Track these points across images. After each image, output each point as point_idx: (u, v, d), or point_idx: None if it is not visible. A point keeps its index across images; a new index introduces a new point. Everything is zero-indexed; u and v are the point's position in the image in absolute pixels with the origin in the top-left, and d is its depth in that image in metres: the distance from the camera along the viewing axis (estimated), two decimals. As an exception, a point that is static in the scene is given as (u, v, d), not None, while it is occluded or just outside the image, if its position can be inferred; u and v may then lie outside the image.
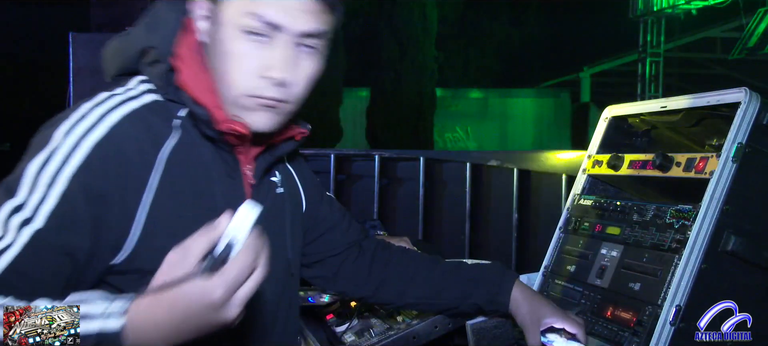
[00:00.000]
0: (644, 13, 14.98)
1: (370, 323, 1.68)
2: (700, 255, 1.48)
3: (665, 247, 1.57)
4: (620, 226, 1.75)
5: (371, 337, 1.59)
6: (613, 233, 1.76)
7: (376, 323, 1.67)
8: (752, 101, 1.51)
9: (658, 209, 1.65)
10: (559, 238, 1.95)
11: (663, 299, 1.49)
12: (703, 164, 1.55)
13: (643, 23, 15.22)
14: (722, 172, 1.50)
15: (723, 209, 1.49)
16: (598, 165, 1.93)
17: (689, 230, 1.51)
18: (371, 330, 1.63)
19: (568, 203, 1.99)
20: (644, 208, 1.70)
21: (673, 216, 1.59)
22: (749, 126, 1.51)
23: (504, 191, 4.34)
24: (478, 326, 1.55)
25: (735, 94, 1.55)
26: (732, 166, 1.50)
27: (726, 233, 1.49)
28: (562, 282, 1.84)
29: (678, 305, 1.47)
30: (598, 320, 1.65)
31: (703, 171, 1.55)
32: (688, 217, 1.54)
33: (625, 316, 1.57)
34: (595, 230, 1.83)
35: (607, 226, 1.80)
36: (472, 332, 1.55)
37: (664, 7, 14.52)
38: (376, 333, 1.60)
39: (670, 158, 1.66)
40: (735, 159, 1.50)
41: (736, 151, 1.50)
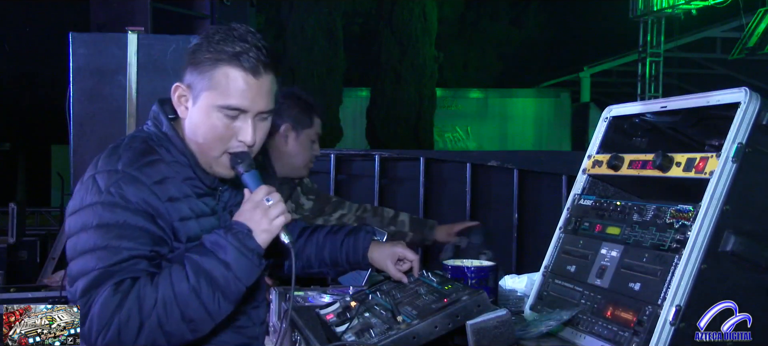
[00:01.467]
0: (644, 13, 14.99)
1: (370, 323, 1.68)
2: (700, 255, 1.48)
3: (665, 247, 1.57)
4: (620, 226, 1.75)
5: (371, 337, 1.59)
6: (613, 233, 1.76)
7: (376, 323, 1.67)
8: (752, 101, 1.51)
9: (658, 209, 1.65)
10: (559, 238, 1.95)
11: (663, 299, 1.49)
12: (703, 164, 1.55)
13: (643, 23, 15.23)
14: (722, 172, 1.50)
15: (723, 209, 1.49)
16: (598, 165, 1.93)
17: (689, 230, 1.51)
18: (371, 330, 1.63)
19: (568, 203, 1.99)
20: (644, 208, 1.70)
21: (673, 216, 1.59)
22: (749, 126, 1.51)
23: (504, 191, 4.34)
24: (478, 326, 1.55)
25: (735, 94, 1.55)
26: (732, 166, 1.50)
27: (726, 233, 1.49)
28: (562, 282, 1.84)
29: (678, 305, 1.47)
30: (598, 320, 1.65)
31: (703, 171, 1.54)
32: (688, 217, 1.54)
33: (625, 316, 1.57)
34: (595, 230, 1.83)
35: (607, 226, 1.80)
36: (472, 332, 1.55)
37: (664, 7, 14.53)
38: (376, 333, 1.60)
39: (670, 158, 1.66)
40: (735, 159, 1.50)
41: (736, 152, 1.50)
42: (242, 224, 1.55)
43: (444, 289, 1.73)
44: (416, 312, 1.63)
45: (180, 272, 1.50)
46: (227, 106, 1.58)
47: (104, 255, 1.48)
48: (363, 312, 1.76)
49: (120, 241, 1.49)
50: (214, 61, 1.57)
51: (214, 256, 1.51)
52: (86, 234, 1.50)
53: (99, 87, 3.79)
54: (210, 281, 1.50)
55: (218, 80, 1.57)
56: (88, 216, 1.51)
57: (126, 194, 1.51)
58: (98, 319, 1.44)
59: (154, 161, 1.58)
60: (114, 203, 1.50)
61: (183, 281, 1.49)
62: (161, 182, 1.56)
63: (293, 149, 2.60)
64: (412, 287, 1.84)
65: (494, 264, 2.06)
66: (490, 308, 1.59)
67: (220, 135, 1.60)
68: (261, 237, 1.56)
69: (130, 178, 1.53)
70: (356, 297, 1.87)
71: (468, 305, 1.59)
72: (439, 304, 1.63)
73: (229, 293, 1.52)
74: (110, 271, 1.47)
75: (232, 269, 1.51)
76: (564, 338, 1.71)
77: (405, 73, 15.27)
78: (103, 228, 1.50)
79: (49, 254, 5.19)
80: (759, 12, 14.03)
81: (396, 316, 1.64)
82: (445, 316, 1.57)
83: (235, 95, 1.57)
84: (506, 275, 2.34)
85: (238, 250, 1.52)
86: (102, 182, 1.53)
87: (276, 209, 1.58)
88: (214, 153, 1.63)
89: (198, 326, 1.52)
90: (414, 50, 15.24)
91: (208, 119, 1.59)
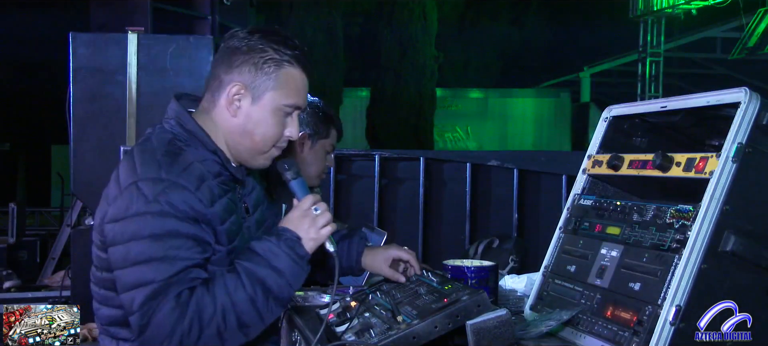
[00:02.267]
0: (644, 13, 14.99)
1: (370, 323, 1.68)
2: (700, 255, 1.48)
3: (665, 247, 1.57)
4: (620, 226, 1.75)
5: (371, 337, 1.59)
6: (613, 233, 1.76)
7: (376, 323, 1.67)
8: (752, 101, 1.51)
9: (658, 209, 1.65)
10: (559, 238, 1.95)
11: (663, 299, 1.49)
12: (703, 164, 1.55)
13: (643, 23, 15.23)
14: (722, 172, 1.50)
15: (723, 209, 1.49)
16: (598, 165, 1.93)
17: (689, 230, 1.51)
18: (371, 330, 1.63)
19: (568, 203, 1.99)
20: (644, 208, 1.70)
21: (673, 216, 1.59)
22: (749, 126, 1.51)
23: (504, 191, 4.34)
24: (478, 326, 1.55)
25: (735, 94, 1.55)
26: (732, 166, 1.50)
27: (726, 233, 1.49)
28: (562, 282, 1.84)
29: (678, 305, 1.47)
30: (598, 320, 1.65)
31: (703, 171, 1.54)
32: (688, 217, 1.54)
33: (625, 316, 1.57)
34: (595, 230, 1.83)
35: (607, 226, 1.80)
36: (472, 332, 1.55)
37: (664, 7, 14.53)
38: (376, 333, 1.60)
39: (670, 158, 1.66)
40: (735, 159, 1.50)
41: (736, 152, 1.50)
42: (292, 232, 1.61)
43: (444, 289, 1.73)
44: (416, 312, 1.63)
45: (235, 281, 1.54)
46: (290, 105, 1.67)
47: (162, 267, 1.49)
48: (363, 312, 1.76)
49: (176, 251, 1.51)
50: (278, 62, 1.64)
51: (268, 263, 1.56)
52: (139, 244, 1.50)
53: (99, 87, 3.79)
54: (264, 288, 1.55)
55: (284, 80, 1.65)
56: (138, 225, 1.51)
57: (174, 202, 1.51)
58: (160, 331, 1.48)
59: (190, 165, 1.58)
60: (164, 212, 1.50)
61: (239, 289, 1.53)
62: (200, 186, 1.57)
63: (308, 158, 2.60)
64: (412, 287, 1.84)
65: (494, 264, 2.06)
66: (490, 308, 1.59)
67: (277, 132, 1.67)
68: (309, 245, 1.62)
69: (175, 185, 1.53)
70: (356, 297, 1.87)
71: (468, 305, 1.59)
72: (439, 304, 1.63)
73: (281, 298, 1.58)
74: (169, 282, 1.49)
75: (285, 276, 1.57)
76: (564, 338, 1.71)
77: (405, 73, 15.27)
78: (156, 238, 1.50)
79: (49, 254, 5.20)
80: (759, 12, 14.03)
81: (396, 316, 1.64)
82: (445, 316, 1.57)
83: (297, 94, 1.68)
84: (506, 275, 2.34)
85: (290, 257, 1.58)
86: (148, 190, 1.52)
87: (323, 218, 1.64)
88: (265, 148, 1.69)
89: (252, 330, 1.56)
90: (414, 50, 15.24)
91: (271, 118, 1.65)
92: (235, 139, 1.67)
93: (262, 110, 1.65)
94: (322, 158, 2.65)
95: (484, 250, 2.61)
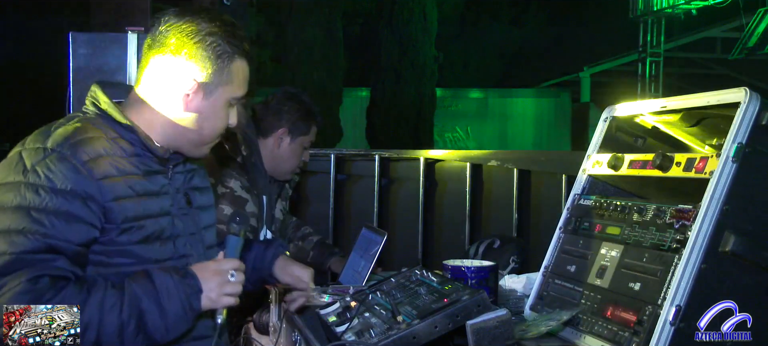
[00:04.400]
0: (644, 13, 15.00)
1: (370, 323, 1.68)
2: (700, 255, 1.48)
3: (665, 247, 1.57)
4: (620, 226, 1.75)
5: (371, 337, 1.59)
6: (613, 233, 1.76)
7: (376, 323, 1.67)
8: (752, 101, 1.51)
9: (658, 209, 1.65)
10: (559, 238, 1.95)
11: (663, 299, 1.49)
12: (703, 164, 1.55)
13: (643, 23, 15.23)
14: (722, 172, 1.50)
15: (723, 209, 1.49)
16: (598, 165, 1.93)
17: (689, 230, 1.51)
18: (371, 330, 1.63)
19: (568, 203, 1.99)
20: (644, 208, 1.70)
21: (673, 216, 1.59)
22: (749, 126, 1.51)
23: (504, 191, 4.34)
24: (478, 326, 1.55)
25: (735, 94, 1.55)
26: (732, 166, 1.50)
27: (726, 232, 1.49)
28: (562, 282, 1.84)
29: (678, 305, 1.47)
30: (598, 320, 1.65)
31: (703, 171, 1.55)
32: (688, 217, 1.54)
33: (625, 316, 1.57)
34: (595, 230, 1.83)
35: (607, 226, 1.80)
36: (472, 332, 1.55)
37: (664, 7, 14.53)
38: (376, 333, 1.60)
39: (670, 158, 1.66)
40: (735, 159, 1.50)
41: (736, 151, 1.50)
42: (197, 282, 1.50)
43: (444, 289, 1.73)
44: (416, 312, 1.63)
45: (114, 300, 1.42)
46: (239, 98, 1.64)
47: (19, 240, 1.36)
48: (363, 312, 1.76)
49: (41, 227, 1.38)
50: (231, 56, 1.59)
51: (157, 299, 1.45)
52: (3, 214, 1.39)
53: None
54: (141, 321, 1.43)
55: (235, 74, 1.61)
56: (7, 195, 1.40)
57: (54, 175, 1.41)
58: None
59: (90, 139, 1.49)
60: (39, 184, 1.40)
61: (115, 311, 1.41)
62: (95, 160, 1.47)
63: (285, 153, 2.60)
64: (412, 287, 1.84)
65: (494, 264, 2.06)
66: (490, 308, 1.60)
67: (224, 124, 1.66)
68: (205, 303, 1.51)
69: (59, 156, 1.43)
70: (356, 297, 1.87)
71: (468, 305, 1.59)
72: (439, 304, 1.63)
73: (152, 338, 1.46)
74: (25, 259, 1.36)
75: (167, 319, 1.46)
76: (564, 338, 1.72)
77: (405, 73, 15.25)
78: (22, 210, 1.38)
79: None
80: (759, 12, 14.03)
81: (396, 316, 1.64)
82: (445, 316, 1.57)
83: (245, 85, 1.65)
84: (506, 275, 2.34)
85: (182, 305, 1.47)
86: (29, 159, 1.43)
87: (233, 288, 1.55)
88: (211, 140, 1.67)
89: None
90: (414, 50, 15.22)
91: (222, 111, 1.63)
92: (179, 131, 1.60)
93: (213, 106, 1.61)
94: (299, 154, 2.65)
95: (485, 250, 2.61)
